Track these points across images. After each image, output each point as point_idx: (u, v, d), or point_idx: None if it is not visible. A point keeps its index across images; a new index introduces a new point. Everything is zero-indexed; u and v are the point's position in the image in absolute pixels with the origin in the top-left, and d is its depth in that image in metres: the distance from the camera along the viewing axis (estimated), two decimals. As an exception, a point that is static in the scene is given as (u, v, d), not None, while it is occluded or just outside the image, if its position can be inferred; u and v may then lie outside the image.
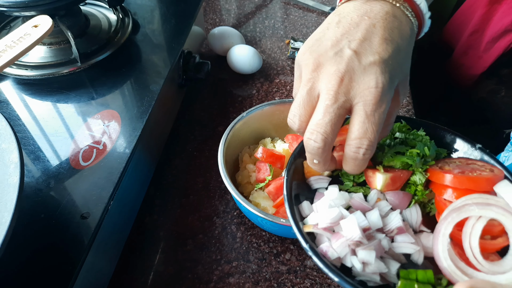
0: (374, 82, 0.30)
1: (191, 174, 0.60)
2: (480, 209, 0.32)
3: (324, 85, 0.31)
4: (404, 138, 0.40)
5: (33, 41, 0.45)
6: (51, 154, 0.45)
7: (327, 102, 0.30)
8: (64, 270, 0.36)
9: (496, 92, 0.67)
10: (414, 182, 0.37)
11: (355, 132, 0.31)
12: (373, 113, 0.30)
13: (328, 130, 0.30)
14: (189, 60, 0.63)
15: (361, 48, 0.30)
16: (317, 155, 0.32)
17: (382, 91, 0.30)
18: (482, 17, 0.65)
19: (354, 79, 0.30)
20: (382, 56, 0.30)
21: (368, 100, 0.30)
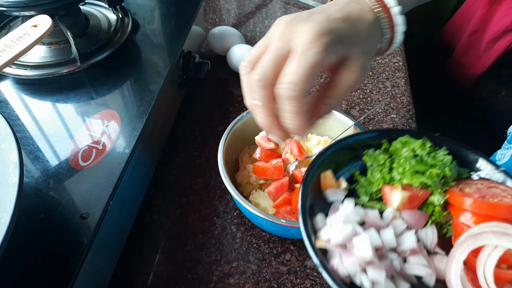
0: (312, 25, 0.31)
1: (191, 174, 0.60)
2: (497, 239, 0.31)
3: (271, 30, 0.34)
4: (425, 157, 0.39)
5: (33, 41, 0.45)
6: (50, 154, 0.45)
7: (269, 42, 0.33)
8: (64, 270, 0.36)
9: (496, 92, 0.67)
10: (432, 203, 0.36)
11: (285, 68, 0.32)
12: (305, 51, 0.31)
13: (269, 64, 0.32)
14: (189, 60, 0.63)
15: (316, 11, 0.34)
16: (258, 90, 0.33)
17: (317, 33, 0.31)
18: (482, 17, 0.65)
19: (298, 25, 0.32)
20: (330, 15, 0.33)
21: (303, 38, 0.31)
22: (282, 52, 0.32)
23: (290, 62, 0.32)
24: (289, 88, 0.31)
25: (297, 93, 0.31)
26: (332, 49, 0.32)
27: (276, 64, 0.32)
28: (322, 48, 0.31)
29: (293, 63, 0.31)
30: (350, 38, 0.33)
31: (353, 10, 0.34)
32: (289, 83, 0.31)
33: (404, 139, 0.40)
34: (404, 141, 0.40)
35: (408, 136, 0.40)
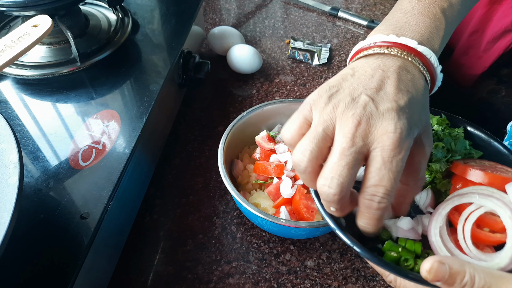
0: (392, 127, 0.29)
1: (191, 174, 0.60)
2: (482, 199, 0.32)
3: (340, 127, 0.30)
4: (440, 132, 0.41)
5: (33, 41, 0.45)
6: (50, 154, 0.45)
7: (343, 145, 0.29)
8: (64, 270, 0.36)
9: (496, 92, 0.67)
10: (435, 170, 0.38)
11: (370, 179, 0.29)
12: (390, 159, 0.28)
13: (344, 174, 0.28)
14: (189, 60, 0.63)
15: (377, 96, 0.30)
16: (334, 203, 0.30)
17: (401, 137, 0.29)
18: (482, 17, 0.65)
19: (372, 124, 0.29)
20: (398, 103, 0.30)
21: (386, 145, 0.28)
22: (360, 157, 0.29)
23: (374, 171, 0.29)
24: (378, 201, 0.29)
25: (386, 203, 0.29)
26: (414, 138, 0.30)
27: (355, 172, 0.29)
28: (405, 152, 0.29)
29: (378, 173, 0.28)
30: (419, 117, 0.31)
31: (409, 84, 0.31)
32: (376, 196, 0.29)
33: None
34: None
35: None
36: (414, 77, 0.32)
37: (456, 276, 0.26)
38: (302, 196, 0.47)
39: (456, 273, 0.26)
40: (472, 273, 0.26)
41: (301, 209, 0.46)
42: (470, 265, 0.26)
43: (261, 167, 0.51)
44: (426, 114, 0.33)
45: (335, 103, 0.31)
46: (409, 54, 0.32)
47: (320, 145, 0.30)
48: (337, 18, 0.88)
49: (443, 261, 0.26)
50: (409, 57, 0.32)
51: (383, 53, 0.33)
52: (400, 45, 0.33)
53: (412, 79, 0.32)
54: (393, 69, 0.32)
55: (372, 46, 0.34)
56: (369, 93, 0.30)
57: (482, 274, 0.26)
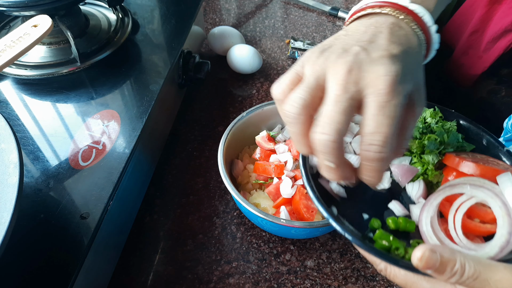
0: (384, 70, 0.28)
1: (191, 174, 0.60)
2: (473, 189, 0.33)
3: (332, 75, 0.29)
4: (433, 124, 0.41)
5: (33, 41, 0.45)
6: (50, 154, 0.45)
7: (336, 92, 0.28)
8: (64, 270, 0.36)
9: (496, 92, 0.67)
10: (427, 161, 0.39)
11: (366, 126, 0.28)
12: (385, 103, 0.27)
13: (340, 119, 0.27)
14: (189, 60, 0.63)
15: (368, 46, 0.30)
16: (332, 153, 0.28)
17: (394, 80, 0.27)
18: (482, 17, 0.65)
19: (364, 69, 0.28)
20: (390, 52, 0.29)
21: (380, 88, 0.27)
22: (354, 104, 0.28)
23: (369, 118, 0.27)
24: (378, 150, 0.27)
25: (386, 153, 0.28)
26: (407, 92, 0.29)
27: (350, 119, 0.28)
28: (401, 97, 0.28)
29: (373, 119, 0.27)
30: (412, 72, 0.30)
31: (401, 38, 0.31)
32: (372, 145, 0.27)
33: None
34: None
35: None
36: (407, 33, 0.32)
37: (446, 264, 0.26)
38: (302, 196, 0.47)
39: (447, 261, 0.26)
40: (462, 261, 0.26)
41: (301, 209, 0.46)
42: (461, 254, 0.27)
43: (261, 167, 0.51)
44: (420, 72, 0.32)
45: (326, 55, 0.30)
46: (401, 13, 0.32)
47: (312, 94, 0.29)
48: (337, 18, 0.88)
49: (434, 249, 0.26)
50: (401, 15, 0.32)
51: (376, 13, 0.33)
52: (392, 4, 0.33)
53: (405, 34, 0.32)
54: (385, 25, 0.32)
55: (364, 8, 0.34)
56: (361, 44, 0.30)
57: (472, 262, 0.26)
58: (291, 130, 0.30)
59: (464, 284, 0.26)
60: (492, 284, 0.25)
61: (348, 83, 0.28)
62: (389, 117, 0.27)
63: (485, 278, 0.25)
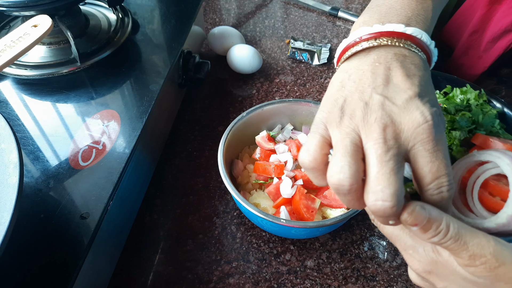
0: (421, 117, 0.27)
1: (191, 174, 0.60)
2: (480, 154, 0.33)
3: (367, 136, 0.27)
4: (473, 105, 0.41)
5: (33, 41, 0.45)
6: (50, 154, 0.45)
7: (379, 152, 0.26)
8: (64, 270, 0.36)
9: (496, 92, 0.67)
10: (454, 137, 0.38)
11: (426, 176, 0.27)
12: (436, 149, 0.27)
13: (394, 181, 0.26)
14: (189, 60, 0.63)
15: (388, 91, 0.28)
16: (392, 215, 0.27)
17: (434, 123, 0.27)
18: (482, 17, 0.65)
19: (398, 121, 0.27)
20: (414, 90, 0.28)
21: (425, 137, 0.27)
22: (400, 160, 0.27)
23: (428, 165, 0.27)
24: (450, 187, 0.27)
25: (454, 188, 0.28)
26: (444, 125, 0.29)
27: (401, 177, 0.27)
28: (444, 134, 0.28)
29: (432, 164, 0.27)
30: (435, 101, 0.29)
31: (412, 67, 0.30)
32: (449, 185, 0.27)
33: (464, 88, 0.42)
34: (464, 90, 0.42)
35: (469, 86, 0.42)
36: (413, 59, 0.31)
37: (433, 222, 0.26)
38: (302, 196, 0.47)
39: (433, 220, 0.26)
40: (448, 221, 0.26)
41: (301, 209, 0.46)
42: (447, 215, 0.27)
43: (261, 167, 0.51)
44: (434, 93, 0.31)
45: (350, 114, 0.28)
46: (399, 40, 0.31)
47: (356, 158, 0.27)
48: (337, 18, 0.88)
49: (424, 206, 0.26)
50: (400, 42, 0.31)
51: (373, 46, 0.31)
52: (388, 33, 0.31)
53: (411, 61, 0.30)
54: (390, 58, 0.30)
55: (358, 42, 0.32)
56: (379, 91, 0.28)
57: (456, 224, 0.26)
58: (343, 199, 0.29)
59: (444, 245, 0.26)
60: (469, 248, 0.25)
61: (388, 140, 0.27)
62: (443, 157, 0.27)
63: (465, 241, 0.26)
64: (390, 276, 0.49)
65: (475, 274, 0.26)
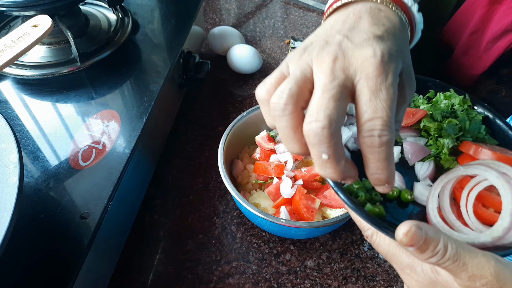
0: (371, 52, 0.26)
1: (191, 174, 0.60)
2: (485, 171, 0.32)
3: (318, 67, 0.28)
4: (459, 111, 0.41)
5: (33, 40, 0.45)
6: (50, 154, 0.45)
7: (324, 81, 0.26)
8: (64, 270, 0.36)
9: (496, 92, 0.67)
10: (442, 144, 0.38)
11: (363, 114, 0.26)
12: (379, 87, 0.26)
13: (331, 106, 0.26)
14: (189, 60, 0.63)
15: (350, 33, 0.28)
16: (326, 142, 0.26)
17: (383, 60, 0.26)
18: (482, 17, 0.65)
19: (349, 55, 0.27)
20: (374, 33, 0.28)
21: (370, 72, 0.26)
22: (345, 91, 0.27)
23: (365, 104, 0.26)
24: (380, 134, 0.26)
25: (387, 136, 0.26)
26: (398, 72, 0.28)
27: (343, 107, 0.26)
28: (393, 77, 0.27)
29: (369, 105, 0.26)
30: (400, 50, 0.29)
31: (383, 19, 0.30)
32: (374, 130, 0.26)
33: (448, 93, 0.42)
34: (448, 95, 0.42)
35: (453, 90, 0.42)
36: (388, 14, 0.31)
37: (430, 243, 0.25)
38: (302, 196, 0.47)
39: (430, 240, 0.25)
40: (445, 242, 0.25)
41: (301, 209, 0.46)
42: (445, 235, 0.26)
43: (261, 167, 0.51)
44: (407, 52, 0.31)
45: (309, 50, 0.29)
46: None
47: (300, 85, 0.27)
48: (337, 18, 0.88)
49: (421, 226, 0.25)
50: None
51: (352, 1, 0.31)
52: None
53: (386, 16, 0.30)
54: (364, 10, 0.30)
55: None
56: (342, 33, 0.29)
57: (454, 244, 0.26)
58: (279, 126, 0.28)
59: (442, 265, 0.26)
60: (469, 269, 0.25)
61: (336, 71, 0.27)
62: (385, 99, 0.26)
63: (464, 262, 0.25)
64: (390, 276, 0.49)
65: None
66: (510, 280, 0.24)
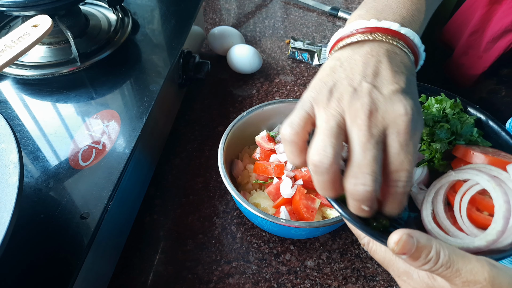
0: (403, 109, 0.28)
1: (191, 174, 0.60)
2: (476, 175, 0.33)
3: (352, 120, 0.29)
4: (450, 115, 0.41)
5: (33, 40, 0.45)
6: (50, 154, 0.45)
7: (362, 139, 0.28)
8: (64, 270, 0.36)
9: (496, 92, 0.67)
10: (435, 149, 0.38)
11: (390, 165, 0.28)
12: (407, 143, 0.28)
13: (376, 168, 0.27)
14: (189, 60, 0.63)
15: (376, 81, 0.30)
16: (368, 200, 0.28)
17: (413, 118, 0.28)
18: (482, 17, 0.65)
19: (382, 109, 0.29)
20: (400, 85, 0.29)
21: (401, 129, 0.28)
22: (381, 147, 0.28)
23: (395, 156, 0.28)
24: (403, 185, 0.28)
25: (410, 186, 0.29)
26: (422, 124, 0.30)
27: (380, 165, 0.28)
28: (420, 132, 0.29)
29: (401, 158, 0.28)
30: (417, 101, 0.31)
31: (400, 66, 0.31)
32: (404, 181, 0.28)
33: (439, 97, 0.42)
34: (439, 99, 0.42)
35: (444, 94, 0.42)
36: (402, 58, 0.32)
37: (422, 250, 0.26)
38: (302, 196, 0.47)
39: (422, 248, 0.26)
40: (438, 248, 0.26)
41: (301, 209, 0.46)
42: (437, 241, 0.26)
43: (261, 167, 0.51)
44: (417, 94, 0.32)
45: (338, 97, 0.29)
46: (393, 38, 0.32)
47: (339, 140, 0.28)
48: (337, 18, 0.88)
49: (412, 234, 0.26)
50: (393, 40, 0.32)
51: (368, 40, 0.32)
52: (383, 30, 0.32)
53: (401, 60, 0.32)
54: (382, 53, 0.31)
55: (354, 34, 0.33)
56: (369, 80, 0.30)
57: (447, 251, 0.26)
58: (319, 179, 0.29)
59: (436, 272, 0.26)
60: (463, 275, 0.25)
61: (372, 128, 0.28)
62: (410, 153, 0.28)
63: (457, 268, 0.25)
64: (390, 276, 0.49)
65: None
66: (505, 285, 0.24)
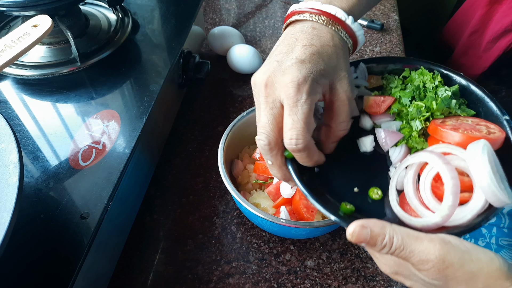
0: (290, 78, 0.33)
1: (191, 174, 0.60)
2: (412, 156, 0.36)
3: (254, 94, 0.36)
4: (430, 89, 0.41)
5: (33, 40, 0.45)
6: (50, 154, 0.45)
7: (259, 107, 0.36)
8: (64, 270, 0.36)
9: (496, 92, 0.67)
10: (411, 127, 0.39)
11: (284, 126, 0.34)
12: (294, 104, 0.33)
13: (268, 128, 0.35)
14: (189, 60, 0.63)
15: (283, 57, 0.35)
16: (266, 153, 0.36)
17: (298, 84, 0.33)
18: (482, 17, 0.65)
19: (276, 81, 0.34)
20: (298, 58, 0.34)
21: (288, 93, 0.33)
22: (275, 112, 0.35)
23: (286, 118, 0.34)
24: (294, 143, 0.34)
25: (302, 144, 0.34)
26: (316, 88, 0.34)
27: (277, 124, 0.35)
28: (306, 95, 0.33)
29: (288, 119, 0.34)
30: (327, 67, 0.35)
31: (314, 39, 0.36)
32: (291, 139, 0.33)
33: (420, 71, 0.42)
34: (420, 72, 0.42)
35: (423, 68, 0.42)
36: (320, 32, 0.36)
37: (376, 238, 0.29)
38: (302, 196, 0.47)
39: (376, 235, 0.29)
40: (391, 234, 0.29)
41: (301, 209, 0.46)
42: (391, 228, 0.29)
43: (261, 167, 0.51)
44: (340, 63, 0.36)
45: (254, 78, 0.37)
46: (315, 15, 0.37)
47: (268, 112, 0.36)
48: (337, 18, 0.88)
49: (365, 224, 0.29)
50: (315, 17, 0.37)
51: (298, 20, 0.38)
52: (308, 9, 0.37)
53: (318, 34, 0.36)
54: (302, 31, 0.36)
55: (289, 14, 0.39)
56: (278, 58, 0.35)
57: (400, 235, 0.29)
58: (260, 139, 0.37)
59: (394, 254, 0.29)
60: (416, 255, 0.28)
61: (267, 96, 0.35)
62: (299, 113, 0.33)
63: (411, 249, 0.28)
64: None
65: (428, 277, 0.28)
66: (455, 260, 0.27)
